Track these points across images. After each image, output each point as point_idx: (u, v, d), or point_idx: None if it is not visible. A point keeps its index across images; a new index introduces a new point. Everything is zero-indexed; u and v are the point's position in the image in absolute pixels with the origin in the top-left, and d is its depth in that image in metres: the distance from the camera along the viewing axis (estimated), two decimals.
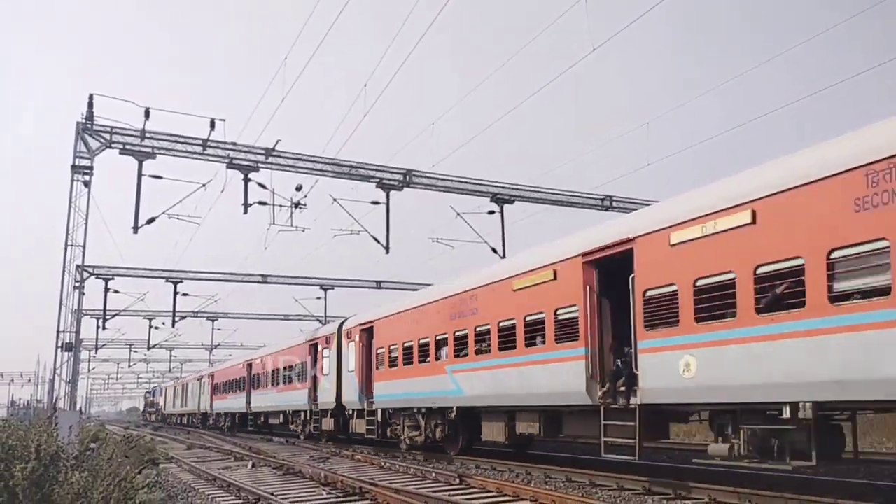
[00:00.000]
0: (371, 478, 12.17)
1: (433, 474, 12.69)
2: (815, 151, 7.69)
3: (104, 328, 36.11)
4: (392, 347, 17.67)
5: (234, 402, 35.03)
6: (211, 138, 18.03)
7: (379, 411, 18.40)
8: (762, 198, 7.85)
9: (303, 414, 24.82)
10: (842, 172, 7.04)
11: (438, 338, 15.24)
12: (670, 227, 9.14)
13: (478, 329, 13.78)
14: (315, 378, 23.36)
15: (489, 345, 13.29)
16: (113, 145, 17.89)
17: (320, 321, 36.24)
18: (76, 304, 23.13)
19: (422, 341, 15.95)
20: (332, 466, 14.95)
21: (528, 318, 12.08)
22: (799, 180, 7.49)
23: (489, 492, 10.65)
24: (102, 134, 17.89)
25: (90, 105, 17.65)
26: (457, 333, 14.51)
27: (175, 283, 31.98)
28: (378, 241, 21.08)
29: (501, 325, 12.86)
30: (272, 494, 10.25)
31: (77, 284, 27.08)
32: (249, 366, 32.21)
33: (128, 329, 48.77)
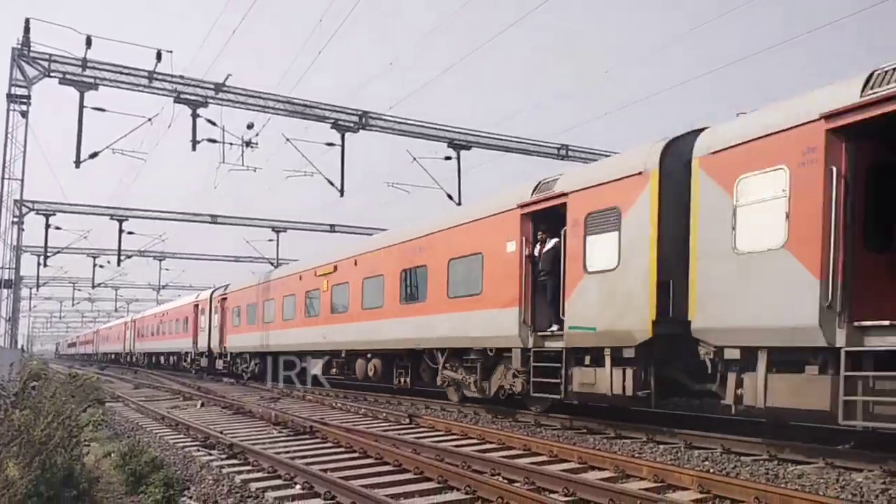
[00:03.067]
0: (322, 417, 12.31)
1: (384, 414, 12.91)
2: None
3: (45, 265, 35.00)
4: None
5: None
6: (157, 70, 17.28)
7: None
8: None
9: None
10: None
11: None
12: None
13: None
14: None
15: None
16: (52, 74, 16.99)
17: (272, 263, 35.82)
18: (15, 239, 22.29)
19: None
20: (282, 406, 15.04)
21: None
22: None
23: (438, 431, 10.91)
24: (40, 62, 16.96)
25: (27, 30, 16.64)
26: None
27: (120, 221, 30.98)
28: (332, 184, 20.77)
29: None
30: (221, 433, 10.27)
31: (15, 220, 26.05)
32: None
33: (71, 267, 47.47)
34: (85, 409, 11.93)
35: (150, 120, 18.60)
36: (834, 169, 6.90)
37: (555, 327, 10.76)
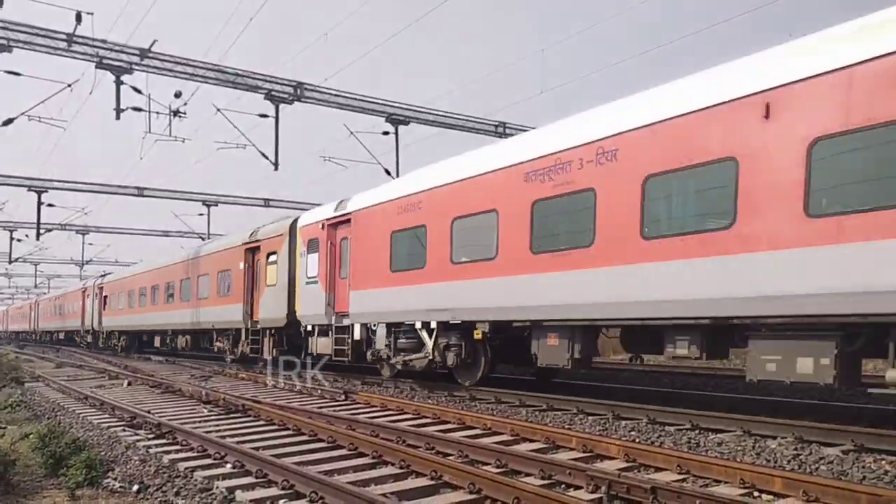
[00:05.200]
0: (255, 395, 12.11)
1: (318, 391, 12.81)
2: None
3: None
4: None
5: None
6: (77, 33, 16.32)
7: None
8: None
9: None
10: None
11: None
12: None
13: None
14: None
15: None
16: None
17: (202, 238, 34.80)
18: None
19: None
20: (214, 384, 14.73)
21: None
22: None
23: (373, 406, 10.91)
24: None
25: None
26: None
27: (39, 193, 29.35)
28: (266, 157, 20.21)
29: None
30: (149, 412, 9.97)
31: None
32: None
33: None
34: (0, 388, 11.39)
35: (69, 86, 17.64)
36: (329, 242, 15.65)
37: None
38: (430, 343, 12.63)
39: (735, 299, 7.51)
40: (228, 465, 6.64)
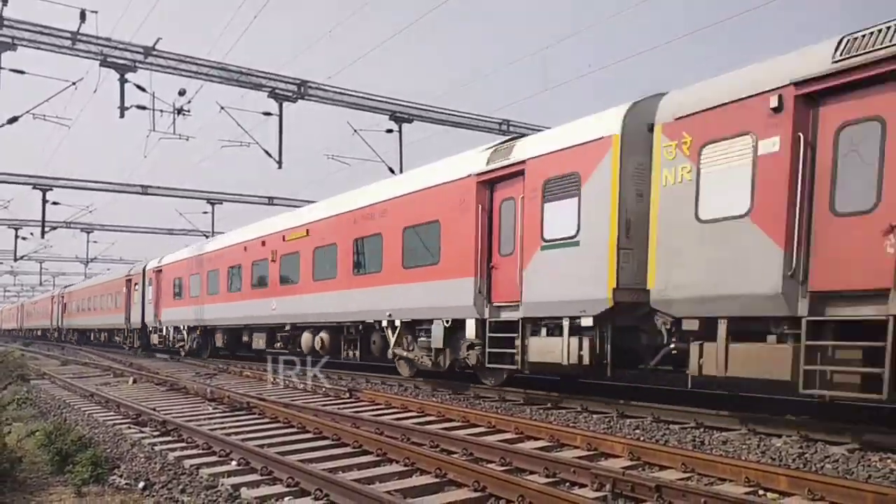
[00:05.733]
0: (259, 393, 12.14)
1: (323, 389, 12.82)
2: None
3: None
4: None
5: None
6: (81, 31, 16.34)
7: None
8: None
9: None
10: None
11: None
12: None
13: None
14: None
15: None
16: None
17: (206, 236, 34.82)
18: None
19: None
20: (218, 382, 14.76)
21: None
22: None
23: (378, 405, 10.92)
24: None
25: None
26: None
27: (44, 191, 29.40)
28: (270, 155, 20.23)
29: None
30: (154, 410, 10.00)
31: None
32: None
33: None
34: (5, 386, 11.45)
35: (74, 84, 17.66)
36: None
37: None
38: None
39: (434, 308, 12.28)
40: (234, 463, 6.67)
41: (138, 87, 17.45)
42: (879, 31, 6.61)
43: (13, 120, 17.02)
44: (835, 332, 6.70)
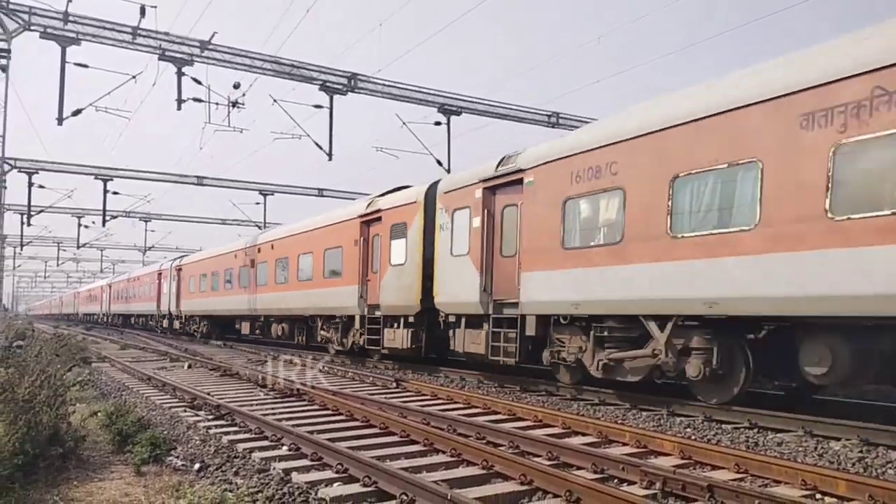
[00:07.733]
0: (307, 380, 12.36)
1: (370, 378, 12.98)
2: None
3: (29, 224, 34.53)
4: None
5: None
6: (141, 26, 16.86)
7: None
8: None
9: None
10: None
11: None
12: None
13: None
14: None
15: None
16: (32, 27, 16.50)
17: (258, 226, 35.58)
18: None
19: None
20: (269, 369, 15.09)
21: None
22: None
23: (424, 395, 11.00)
24: (20, 14, 16.45)
25: None
26: None
27: (105, 181, 30.52)
28: (320, 147, 20.53)
29: None
30: (209, 394, 10.29)
31: None
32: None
33: (56, 227, 46.97)
34: (70, 368, 11.93)
35: (134, 77, 18.25)
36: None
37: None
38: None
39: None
40: (284, 448, 6.81)
41: (195, 80, 17.92)
42: (509, 156, 11.88)
43: (77, 112, 17.64)
44: (506, 323, 11.55)
